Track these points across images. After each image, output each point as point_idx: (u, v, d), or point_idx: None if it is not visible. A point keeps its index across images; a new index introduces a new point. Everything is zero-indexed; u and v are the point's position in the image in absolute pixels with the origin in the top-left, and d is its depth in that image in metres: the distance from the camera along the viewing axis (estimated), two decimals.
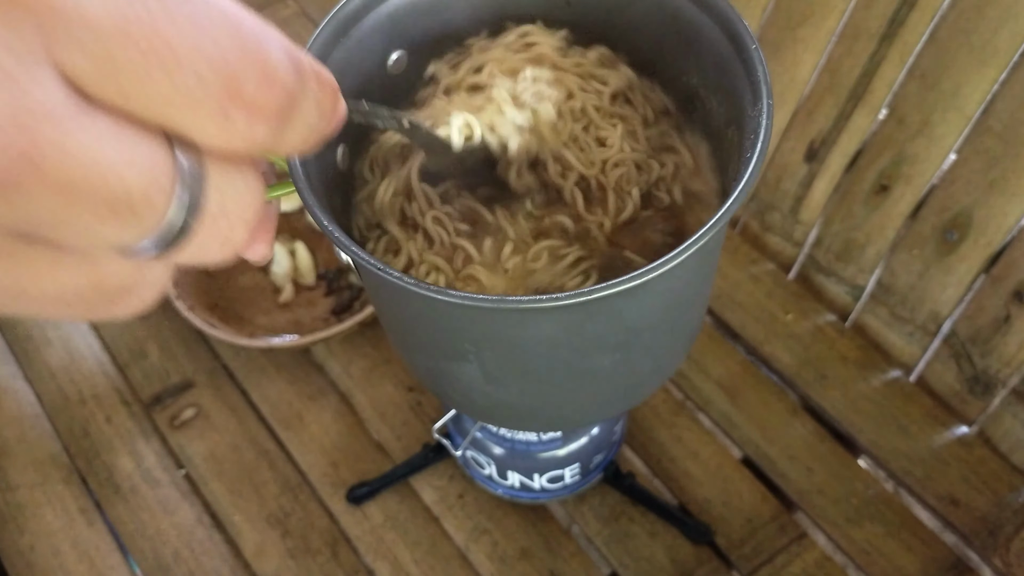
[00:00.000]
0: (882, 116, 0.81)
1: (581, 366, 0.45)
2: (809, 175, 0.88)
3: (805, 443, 0.82)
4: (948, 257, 0.79)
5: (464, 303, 0.36)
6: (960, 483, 0.78)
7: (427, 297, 0.37)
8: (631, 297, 0.40)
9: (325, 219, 0.39)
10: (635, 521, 0.79)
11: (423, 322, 0.45)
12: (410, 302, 0.43)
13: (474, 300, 0.36)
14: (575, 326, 0.41)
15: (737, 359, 0.87)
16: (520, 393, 0.48)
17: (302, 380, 0.89)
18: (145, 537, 0.81)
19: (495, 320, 0.41)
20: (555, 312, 0.39)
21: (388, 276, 0.37)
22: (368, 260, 0.37)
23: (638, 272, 0.36)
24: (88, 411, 0.89)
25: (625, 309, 0.41)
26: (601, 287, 0.36)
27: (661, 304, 0.43)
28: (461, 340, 0.44)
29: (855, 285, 0.88)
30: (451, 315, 0.42)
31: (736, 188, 0.38)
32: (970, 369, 0.81)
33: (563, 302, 0.36)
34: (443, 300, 0.36)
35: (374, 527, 0.80)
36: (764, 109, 0.42)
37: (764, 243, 0.94)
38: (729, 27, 0.46)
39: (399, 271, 0.37)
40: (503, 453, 0.72)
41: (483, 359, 0.44)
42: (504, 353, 0.44)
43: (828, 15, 0.80)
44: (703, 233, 0.37)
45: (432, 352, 0.48)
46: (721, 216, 0.38)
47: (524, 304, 0.37)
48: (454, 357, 0.45)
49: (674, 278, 0.41)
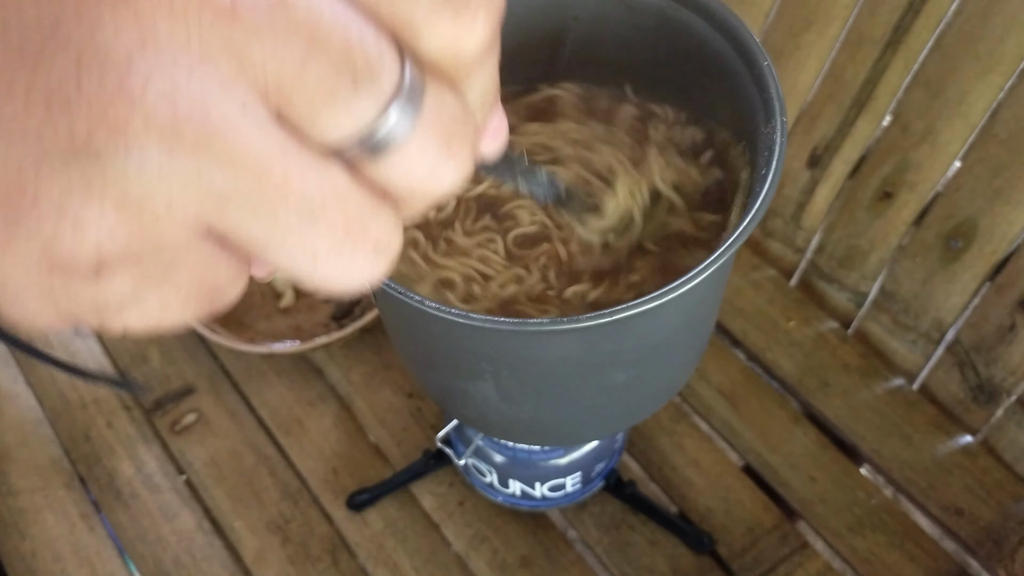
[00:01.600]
0: (886, 123, 0.81)
1: (597, 382, 0.45)
2: (811, 181, 0.87)
3: (807, 451, 0.81)
4: (952, 265, 0.79)
5: (486, 326, 0.36)
6: (964, 493, 0.78)
7: (447, 320, 0.36)
8: (650, 316, 0.40)
9: None
10: (636, 530, 0.79)
11: (440, 343, 0.45)
12: (428, 324, 0.43)
13: (495, 323, 0.36)
14: (594, 344, 0.41)
15: (738, 366, 0.87)
16: (535, 410, 0.47)
17: (302, 386, 0.89)
18: (145, 543, 0.81)
19: (515, 341, 0.41)
20: (576, 332, 0.39)
21: (409, 300, 0.37)
22: (388, 284, 0.37)
23: (659, 292, 0.36)
24: (89, 416, 0.89)
25: (643, 327, 0.41)
26: (623, 308, 0.36)
27: (678, 321, 0.43)
28: (478, 360, 0.43)
29: (858, 292, 0.88)
30: (471, 337, 0.42)
31: (754, 204, 0.38)
32: (974, 378, 0.80)
33: (585, 324, 0.36)
34: (465, 323, 0.36)
35: (374, 534, 0.80)
36: (778, 127, 0.42)
37: (765, 249, 0.94)
38: (740, 43, 0.46)
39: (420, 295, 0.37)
40: (505, 461, 0.72)
41: (500, 378, 0.44)
42: (521, 372, 0.44)
43: (831, 22, 0.80)
44: (724, 250, 0.37)
45: (447, 372, 0.47)
46: (742, 232, 0.38)
47: (546, 327, 0.37)
48: (470, 376, 0.45)
49: (693, 296, 0.41)
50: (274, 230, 0.18)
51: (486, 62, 0.19)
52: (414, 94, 0.18)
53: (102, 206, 0.17)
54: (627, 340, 0.42)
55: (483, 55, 0.19)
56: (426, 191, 0.20)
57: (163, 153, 0.16)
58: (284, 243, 0.18)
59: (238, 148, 0.17)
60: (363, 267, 0.19)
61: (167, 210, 0.17)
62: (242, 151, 0.17)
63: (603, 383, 0.45)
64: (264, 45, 0.16)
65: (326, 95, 0.17)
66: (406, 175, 0.19)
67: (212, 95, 0.16)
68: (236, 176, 0.17)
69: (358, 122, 0.18)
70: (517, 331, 0.37)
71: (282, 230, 0.18)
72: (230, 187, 0.17)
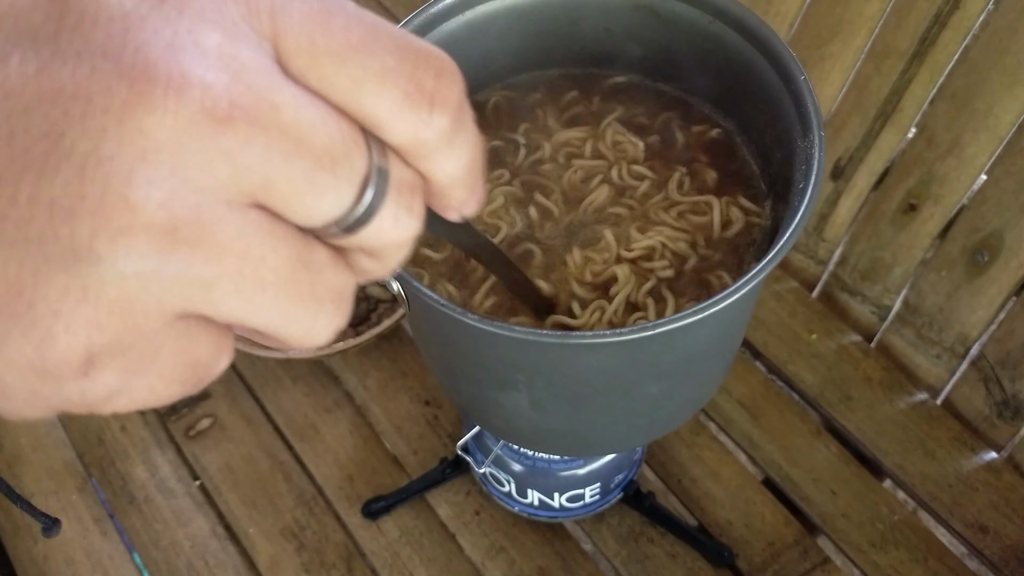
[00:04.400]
0: (911, 135, 0.80)
1: (630, 394, 0.44)
2: (835, 193, 0.86)
3: (829, 465, 0.80)
4: (978, 278, 0.78)
5: (527, 338, 0.36)
6: (989, 510, 0.77)
7: (487, 332, 0.36)
8: (693, 328, 0.40)
9: None
10: (654, 542, 0.78)
11: (476, 354, 0.44)
12: (464, 335, 0.43)
13: (536, 335, 0.36)
14: (632, 356, 0.41)
15: (759, 378, 0.86)
16: (565, 420, 0.47)
17: (318, 391, 0.88)
18: (159, 548, 0.81)
19: (555, 353, 0.40)
20: (619, 345, 0.39)
21: (449, 312, 0.36)
22: (429, 295, 0.37)
23: (703, 304, 0.36)
24: (103, 419, 0.88)
25: (682, 340, 0.41)
26: (666, 321, 0.36)
27: (715, 334, 0.43)
28: (514, 372, 0.43)
29: (881, 305, 0.87)
30: (508, 348, 0.41)
31: (795, 218, 0.38)
32: (999, 393, 0.79)
33: (626, 337, 0.36)
34: (505, 335, 0.36)
35: (390, 542, 0.79)
36: (816, 141, 0.41)
37: (787, 261, 0.93)
38: (776, 57, 0.46)
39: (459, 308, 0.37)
40: (523, 471, 0.71)
41: (533, 389, 0.44)
42: (556, 383, 0.43)
43: (857, 33, 0.79)
44: (768, 262, 0.37)
45: (479, 382, 0.47)
46: (786, 243, 0.38)
47: (588, 339, 0.37)
48: (503, 387, 0.45)
49: (731, 309, 0.41)
50: (254, 306, 0.20)
51: (454, 141, 0.21)
52: (383, 175, 0.21)
53: (96, 307, 0.18)
54: (667, 353, 0.41)
55: (448, 138, 0.21)
56: (394, 248, 0.22)
57: (159, 254, 0.18)
58: (261, 314, 0.20)
59: (224, 243, 0.18)
60: (329, 323, 0.21)
61: (157, 304, 0.18)
62: (228, 245, 0.18)
63: (636, 395, 0.44)
64: (257, 149, 0.18)
65: (310, 186, 0.19)
66: (378, 239, 0.21)
67: (205, 198, 0.18)
68: (221, 266, 0.19)
69: (338, 205, 0.20)
70: (560, 344, 0.37)
71: (261, 305, 0.20)
72: (216, 276, 0.19)
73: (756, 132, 0.50)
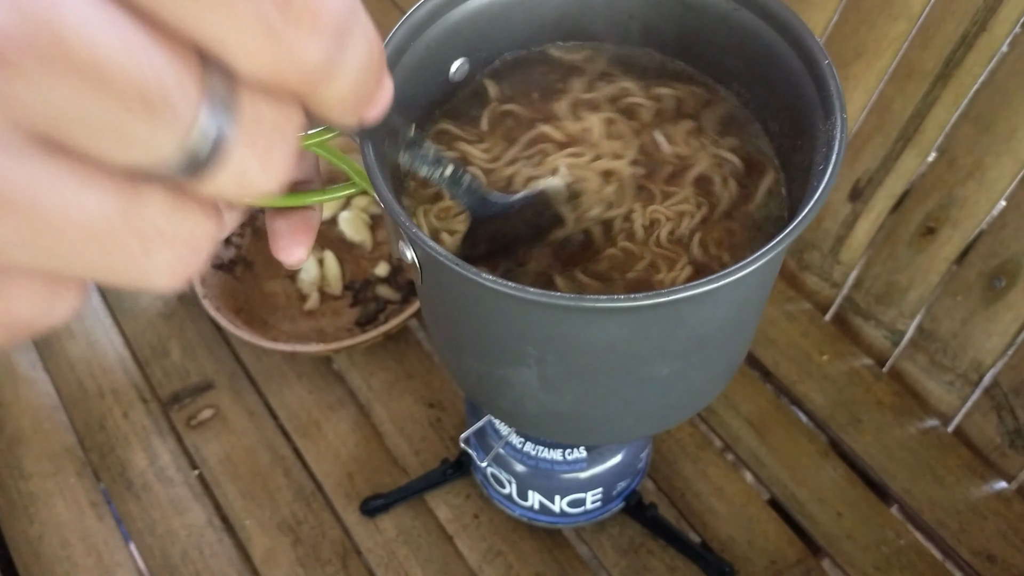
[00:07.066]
0: (931, 158, 0.80)
1: (641, 373, 0.44)
2: (853, 214, 0.86)
3: (835, 487, 0.79)
4: (994, 305, 0.77)
5: (539, 300, 0.36)
6: (997, 539, 0.75)
7: (501, 294, 0.36)
8: (700, 303, 0.40)
9: (401, 213, 0.38)
10: (654, 554, 0.76)
11: (487, 325, 0.44)
12: (477, 302, 0.42)
13: (549, 297, 0.36)
14: (643, 328, 0.40)
15: (768, 397, 0.85)
16: (574, 401, 0.46)
17: (322, 389, 0.88)
18: (154, 535, 0.80)
19: (564, 319, 0.40)
20: (628, 312, 0.38)
21: (465, 272, 0.36)
22: (443, 254, 0.36)
23: (714, 276, 0.36)
24: (106, 405, 0.88)
25: (692, 315, 0.41)
26: (680, 288, 0.36)
27: (725, 313, 0.42)
28: (525, 342, 0.42)
29: (895, 330, 0.86)
30: (520, 314, 0.41)
31: (813, 196, 0.38)
32: (1012, 422, 0.78)
33: (637, 303, 0.36)
34: (518, 296, 0.36)
35: (387, 541, 0.78)
36: (838, 123, 0.41)
37: (801, 282, 0.92)
38: (800, 42, 0.46)
39: (474, 269, 0.36)
40: (525, 471, 0.70)
41: (544, 363, 0.43)
42: (566, 357, 0.43)
43: (882, 54, 0.79)
44: (780, 240, 0.37)
45: (489, 357, 0.46)
46: (800, 222, 0.38)
47: (601, 303, 0.36)
48: (513, 362, 0.44)
49: (744, 286, 0.40)
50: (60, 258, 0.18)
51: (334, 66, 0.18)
52: (227, 115, 0.18)
53: None
54: (676, 328, 0.41)
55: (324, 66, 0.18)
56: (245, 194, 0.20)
57: None
58: (73, 265, 0.18)
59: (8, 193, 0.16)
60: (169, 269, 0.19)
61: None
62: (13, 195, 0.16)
63: (647, 375, 0.44)
64: (31, 87, 0.16)
65: (112, 131, 0.17)
66: (229, 187, 0.19)
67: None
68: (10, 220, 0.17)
69: (156, 152, 0.17)
70: (573, 307, 0.37)
71: (68, 256, 0.18)
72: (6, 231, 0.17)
73: (777, 120, 0.50)
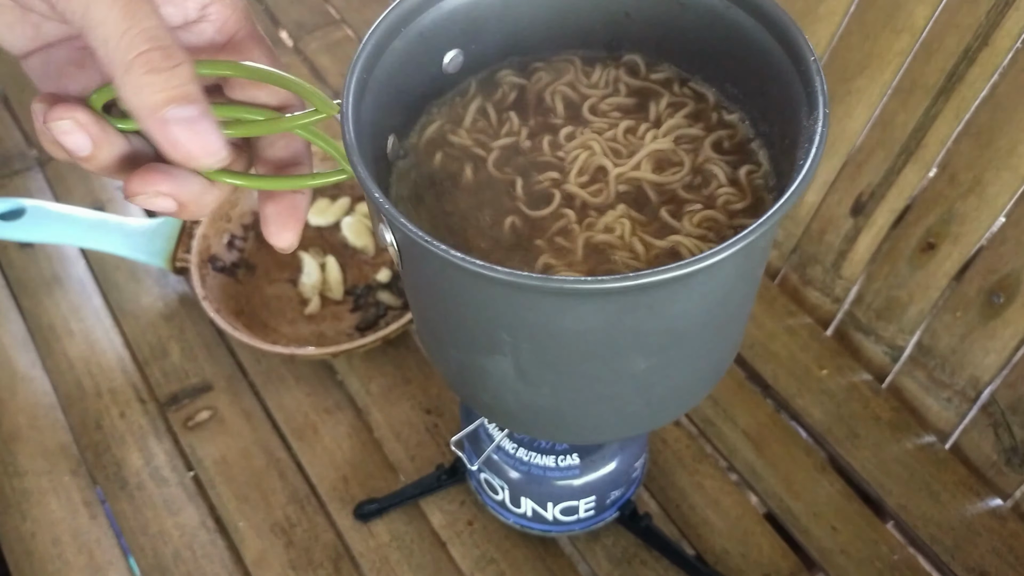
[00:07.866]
0: (932, 173, 0.79)
1: (615, 365, 0.44)
2: (854, 229, 0.86)
3: (831, 501, 0.79)
4: (993, 321, 0.77)
5: (509, 279, 0.36)
6: (991, 556, 0.75)
7: (470, 271, 0.36)
8: (673, 291, 0.40)
9: (375, 189, 0.39)
10: (648, 565, 0.76)
11: (461, 306, 0.44)
12: (451, 285, 0.43)
13: (518, 277, 0.36)
14: (615, 316, 0.40)
15: (766, 411, 0.85)
16: (551, 394, 0.46)
17: (320, 392, 0.88)
18: (147, 535, 0.80)
19: (535, 302, 0.40)
20: (596, 297, 0.39)
21: (433, 248, 0.37)
22: (415, 232, 0.37)
23: (684, 262, 0.36)
24: (103, 405, 0.88)
25: (666, 304, 0.41)
26: (647, 272, 0.36)
27: (702, 306, 0.42)
28: (498, 328, 0.43)
29: (894, 346, 0.86)
30: (491, 297, 0.41)
31: (791, 187, 0.38)
32: (1009, 440, 0.78)
33: (608, 284, 0.36)
34: (488, 275, 0.36)
35: (379, 545, 0.78)
36: (820, 117, 0.42)
37: (803, 297, 0.92)
38: (788, 40, 0.46)
39: (443, 245, 0.37)
40: (519, 477, 0.70)
41: (519, 351, 0.43)
42: (540, 345, 0.43)
43: (885, 68, 0.79)
44: (752, 230, 0.37)
45: (467, 344, 0.47)
46: (773, 214, 0.38)
47: (568, 284, 0.37)
48: (489, 350, 0.45)
49: (718, 276, 0.41)
50: None
51: None
52: None
53: None
54: (650, 318, 0.41)
55: None
56: None
57: None
58: None
59: None
60: None
61: None
62: None
63: (623, 368, 0.44)
64: None
65: None
66: None
67: None
68: None
69: None
70: (540, 286, 0.37)
71: None
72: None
73: (767, 120, 0.51)
